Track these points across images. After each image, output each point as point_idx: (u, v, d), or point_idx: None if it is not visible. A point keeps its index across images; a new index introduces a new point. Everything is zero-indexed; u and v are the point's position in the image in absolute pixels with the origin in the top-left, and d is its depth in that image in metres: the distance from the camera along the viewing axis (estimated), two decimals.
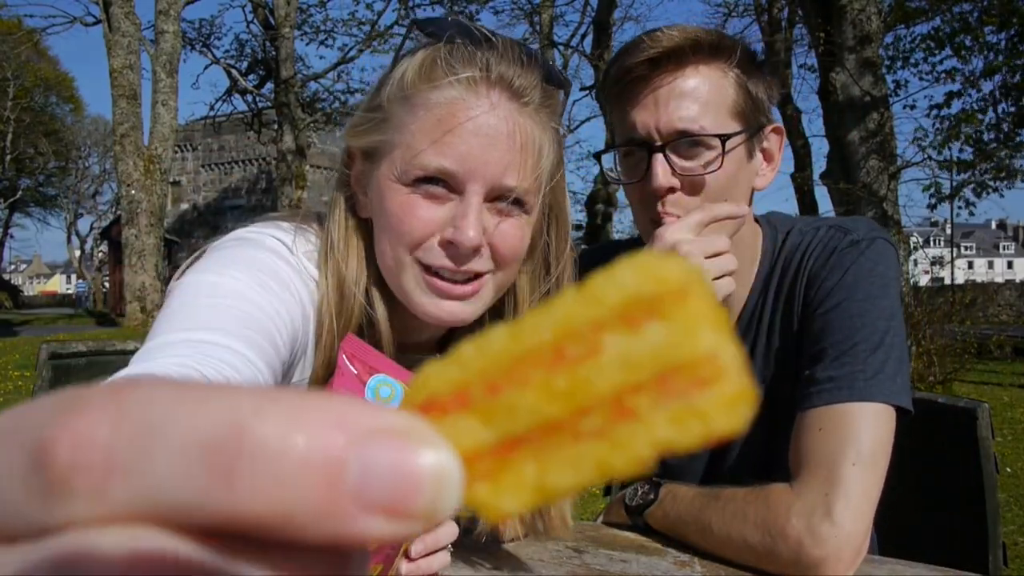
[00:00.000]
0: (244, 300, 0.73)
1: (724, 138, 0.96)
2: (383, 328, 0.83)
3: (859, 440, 0.88)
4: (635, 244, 1.21)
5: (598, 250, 1.29)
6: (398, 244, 0.78)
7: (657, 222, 1.00)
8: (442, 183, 0.77)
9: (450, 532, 0.78)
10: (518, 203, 0.79)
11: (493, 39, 0.78)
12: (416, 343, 0.89)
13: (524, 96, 0.78)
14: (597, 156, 1.09)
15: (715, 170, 0.97)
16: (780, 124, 1.05)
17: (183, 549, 0.13)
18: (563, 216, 0.87)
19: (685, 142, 0.97)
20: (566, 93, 0.84)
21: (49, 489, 0.13)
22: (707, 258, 0.90)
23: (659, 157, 0.97)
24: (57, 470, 0.13)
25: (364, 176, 0.83)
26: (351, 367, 0.62)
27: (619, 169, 1.06)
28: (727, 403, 0.15)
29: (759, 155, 1.04)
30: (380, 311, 0.82)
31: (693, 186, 0.98)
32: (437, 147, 0.75)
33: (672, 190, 0.98)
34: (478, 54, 0.77)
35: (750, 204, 1.06)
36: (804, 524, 0.84)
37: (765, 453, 1.07)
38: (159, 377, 0.15)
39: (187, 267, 0.78)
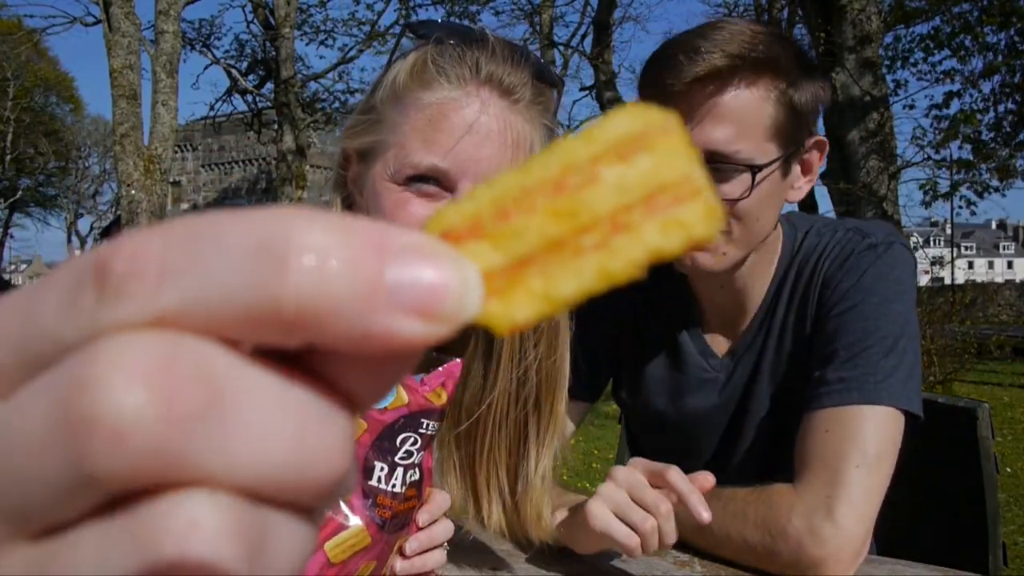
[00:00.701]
0: None
1: (756, 169, 0.93)
2: None
3: (865, 442, 0.87)
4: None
5: None
6: None
7: None
8: (434, 181, 0.78)
9: (446, 530, 0.78)
10: None
11: (483, 39, 0.79)
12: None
13: (514, 94, 0.79)
14: None
15: (742, 198, 0.94)
16: (822, 137, 1.01)
17: (217, 350, 0.14)
18: None
19: (716, 166, 0.93)
20: (559, 91, 0.85)
21: (103, 295, 0.14)
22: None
23: None
24: (114, 277, 0.14)
25: (360, 177, 0.84)
26: None
27: None
28: (703, 214, 0.17)
29: (797, 169, 1.01)
30: None
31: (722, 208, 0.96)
32: (429, 146, 0.77)
33: None
34: (468, 54, 0.78)
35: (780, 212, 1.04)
36: (805, 524, 0.84)
37: (772, 453, 1.06)
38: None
39: None
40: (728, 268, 1.01)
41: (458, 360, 0.69)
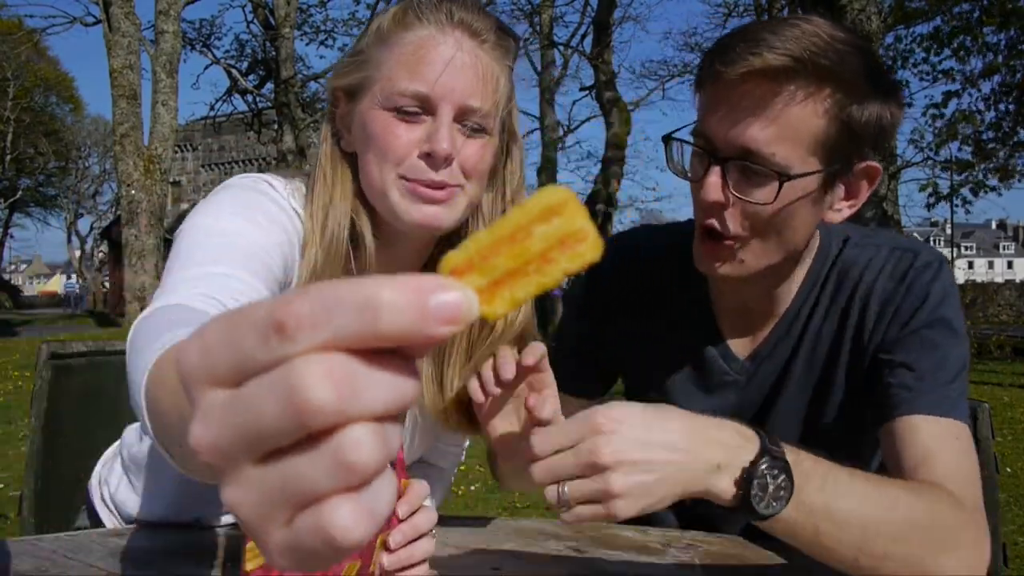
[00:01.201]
0: (240, 236, 0.86)
1: (784, 177, 0.88)
2: (369, 245, 0.94)
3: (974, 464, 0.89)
4: (669, 235, 1.17)
5: (639, 231, 1.26)
6: (383, 162, 0.90)
7: (702, 231, 0.96)
8: (417, 107, 0.89)
9: (428, 519, 0.80)
10: (480, 128, 0.92)
11: None
12: (399, 271, 0.97)
13: (482, 35, 0.92)
14: (666, 139, 1.00)
15: (765, 204, 0.90)
16: (876, 165, 0.94)
17: (350, 359, 0.27)
18: (517, 142, 1.01)
19: (747, 164, 0.90)
20: (516, 44, 0.98)
21: (283, 338, 0.26)
22: None
23: (716, 168, 0.91)
24: (288, 329, 0.26)
25: (347, 115, 0.96)
26: None
27: (682, 160, 0.99)
28: (592, 247, 0.30)
29: (840, 190, 0.95)
30: (367, 230, 0.94)
31: (746, 210, 0.92)
32: (413, 76, 0.89)
33: (722, 206, 0.92)
34: (443, 4, 0.92)
35: (815, 231, 1.01)
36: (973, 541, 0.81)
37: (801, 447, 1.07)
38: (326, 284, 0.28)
39: (188, 215, 0.90)
40: (746, 276, 0.98)
41: (400, 457, 0.75)
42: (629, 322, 1.15)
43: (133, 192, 8.79)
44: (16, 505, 1.51)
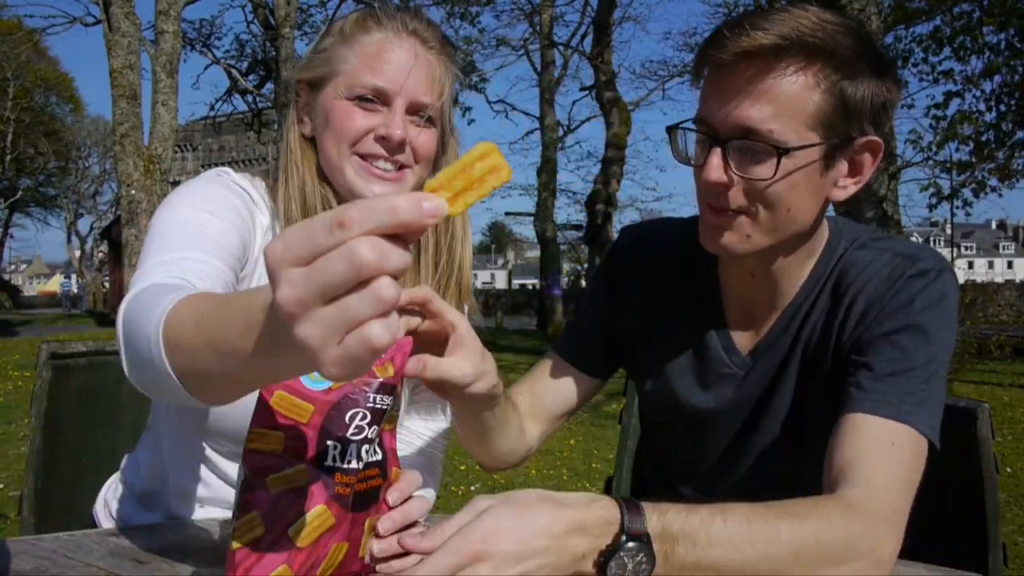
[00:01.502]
0: (200, 226, 0.98)
1: (782, 151, 0.90)
2: None
3: (911, 469, 0.89)
4: (682, 224, 1.18)
5: (647, 225, 1.27)
6: (341, 141, 1.05)
7: (706, 211, 0.98)
8: (375, 98, 1.05)
9: (420, 507, 0.82)
10: (428, 120, 1.08)
11: (407, 8, 1.12)
12: None
13: (430, 43, 1.09)
14: (670, 129, 1.03)
15: (766, 179, 0.92)
16: (878, 139, 0.96)
17: (381, 240, 0.46)
18: (453, 135, 1.18)
19: (747, 143, 0.92)
20: (456, 51, 1.16)
21: (342, 230, 0.45)
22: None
23: (717, 150, 0.93)
24: (346, 223, 0.45)
25: (309, 104, 1.12)
26: None
27: (686, 149, 1.01)
28: (507, 173, 0.52)
29: (843, 166, 0.97)
30: (331, 206, 1.08)
31: (749, 187, 0.94)
32: (373, 72, 1.05)
33: (726, 187, 0.94)
34: (399, 14, 1.09)
35: (824, 212, 1.01)
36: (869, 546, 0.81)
37: (785, 459, 1.06)
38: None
39: (158, 209, 1.04)
40: (753, 252, 0.98)
41: (409, 337, 0.81)
42: (640, 308, 1.16)
43: (133, 192, 8.80)
44: (16, 505, 1.51)
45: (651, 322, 1.16)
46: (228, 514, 1.15)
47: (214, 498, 1.15)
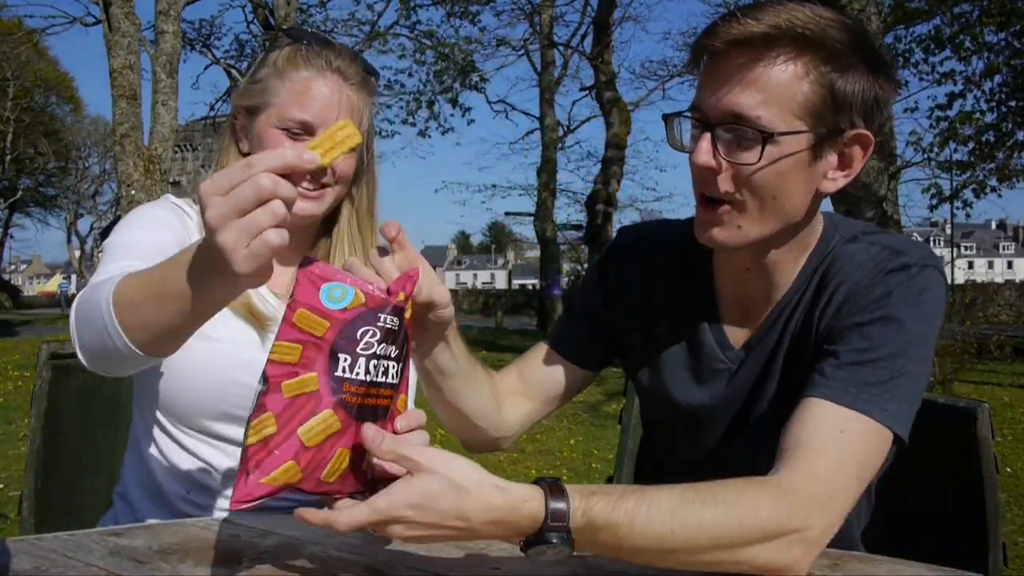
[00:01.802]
0: (141, 241, 1.16)
1: (767, 136, 0.92)
2: None
3: (864, 457, 0.89)
4: (679, 225, 1.19)
5: (645, 225, 1.29)
6: None
7: (700, 200, 0.99)
8: (300, 129, 1.20)
9: (421, 438, 0.87)
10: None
11: (331, 44, 1.24)
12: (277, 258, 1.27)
13: (351, 79, 1.23)
14: (666, 118, 1.05)
15: (751, 164, 0.93)
16: (867, 132, 0.97)
17: (276, 176, 0.71)
18: (372, 154, 1.34)
19: (735, 128, 0.94)
20: (376, 78, 1.31)
21: (251, 168, 0.70)
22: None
23: (707, 135, 0.95)
24: (253, 164, 0.71)
25: (245, 126, 1.26)
26: (308, 279, 0.81)
27: (681, 138, 1.03)
28: (359, 138, 0.81)
29: (832, 157, 0.97)
30: None
31: (736, 173, 0.95)
32: (300, 107, 1.20)
33: (715, 172, 0.96)
34: (323, 51, 1.22)
35: (817, 206, 1.02)
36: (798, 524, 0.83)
37: (772, 454, 1.07)
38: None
39: (111, 234, 1.21)
40: (745, 244, 0.99)
41: (417, 268, 0.88)
42: (639, 307, 1.17)
43: (133, 192, 8.79)
44: (16, 505, 1.51)
45: (649, 321, 1.17)
46: (215, 502, 1.21)
47: (196, 482, 1.23)
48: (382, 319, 0.82)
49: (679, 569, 0.82)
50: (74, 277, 37.98)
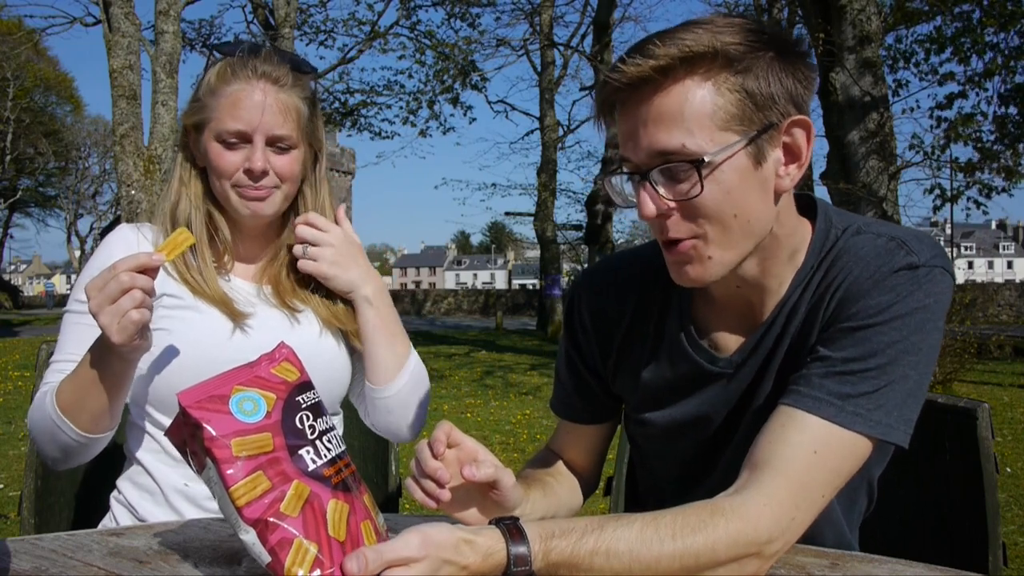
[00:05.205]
0: (80, 324, 1.22)
1: (697, 162, 0.89)
2: (224, 231, 1.33)
3: (839, 471, 0.90)
4: (637, 254, 1.17)
5: (598, 269, 1.25)
6: (220, 177, 1.28)
7: (664, 245, 0.97)
8: (237, 139, 1.26)
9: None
10: (286, 147, 1.29)
11: (259, 50, 1.30)
12: (246, 255, 1.39)
13: (280, 81, 1.28)
14: (602, 178, 1.05)
15: (696, 194, 0.91)
16: (803, 117, 0.93)
17: (134, 273, 1.09)
18: (322, 148, 1.39)
19: (666, 167, 0.91)
20: (312, 73, 1.36)
21: (114, 273, 1.06)
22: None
23: (644, 184, 0.93)
24: (116, 269, 1.07)
25: (195, 143, 1.33)
26: (204, 410, 0.78)
27: (623, 189, 1.01)
28: (192, 239, 1.13)
29: (777, 154, 0.94)
30: (222, 224, 1.33)
31: (686, 209, 0.93)
32: (233, 118, 1.25)
33: (666, 217, 0.94)
34: (249, 61, 1.28)
35: (786, 206, 0.99)
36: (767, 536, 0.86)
37: None
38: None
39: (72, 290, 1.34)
40: (723, 273, 0.97)
41: (282, 342, 0.93)
42: (609, 339, 1.16)
43: (133, 192, 8.79)
44: (16, 505, 1.51)
45: (629, 348, 1.15)
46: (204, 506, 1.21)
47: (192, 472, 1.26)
48: (302, 401, 0.84)
49: None
50: (61, 278, 37.87)
